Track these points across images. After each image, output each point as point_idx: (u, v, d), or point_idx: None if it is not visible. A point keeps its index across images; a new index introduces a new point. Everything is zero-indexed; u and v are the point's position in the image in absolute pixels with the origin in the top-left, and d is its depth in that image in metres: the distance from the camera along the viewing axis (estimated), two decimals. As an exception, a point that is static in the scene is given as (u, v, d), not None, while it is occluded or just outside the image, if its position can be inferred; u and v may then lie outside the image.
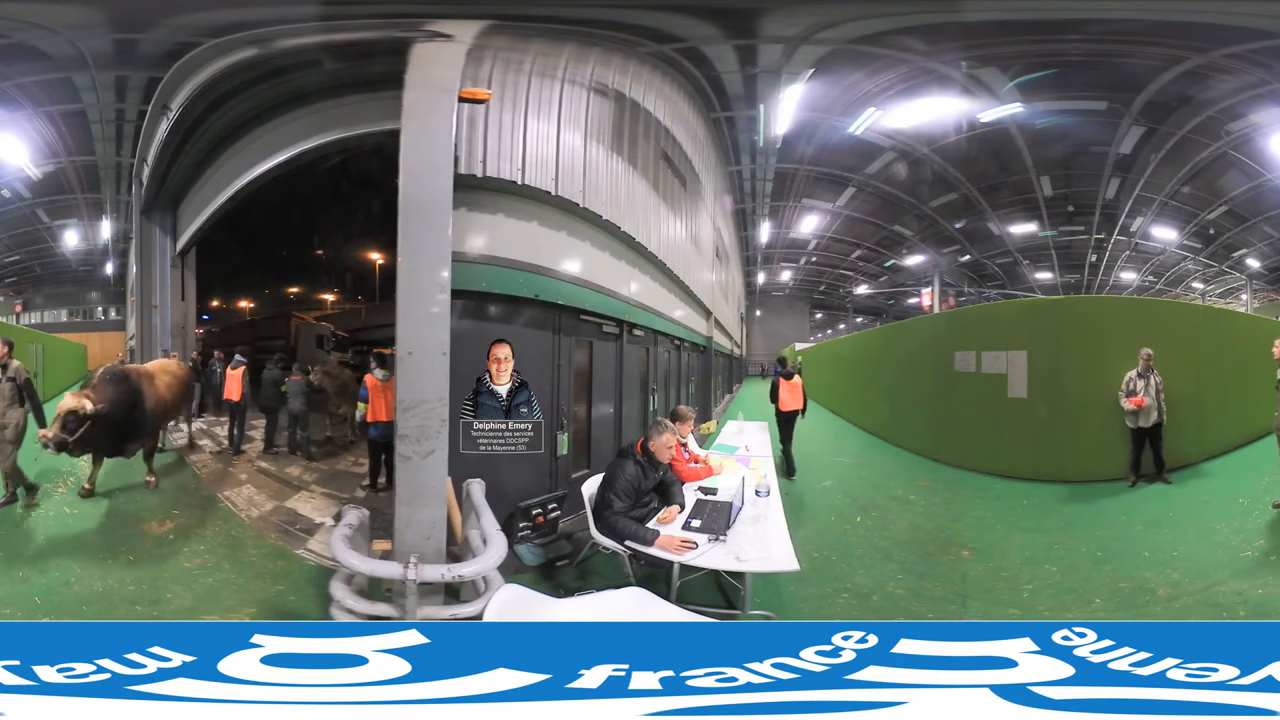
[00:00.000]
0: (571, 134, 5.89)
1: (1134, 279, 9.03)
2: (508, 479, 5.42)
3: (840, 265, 10.17)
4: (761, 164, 8.73)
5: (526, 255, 5.59)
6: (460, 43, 5.09)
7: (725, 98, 7.47)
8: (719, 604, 4.64)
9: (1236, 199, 8.48)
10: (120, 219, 8.11)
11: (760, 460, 6.40)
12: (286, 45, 5.82)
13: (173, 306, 8.27)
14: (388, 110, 4.85)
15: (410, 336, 4.59)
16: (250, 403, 7.70)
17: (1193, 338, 6.91)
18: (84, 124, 7.26)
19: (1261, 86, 7.22)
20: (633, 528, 4.37)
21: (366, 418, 6.51)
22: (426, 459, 4.60)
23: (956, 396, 7.54)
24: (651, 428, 4.97)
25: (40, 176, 7.70)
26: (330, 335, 9.91)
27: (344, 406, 7.95)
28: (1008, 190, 8.61)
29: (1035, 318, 7.18)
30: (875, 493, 7.04)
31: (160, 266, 8.21)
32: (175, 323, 8.31)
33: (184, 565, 5.20)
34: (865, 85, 7.40)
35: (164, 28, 6.04)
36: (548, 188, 5.68)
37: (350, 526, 4.48)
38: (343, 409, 8.00)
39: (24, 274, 8.64)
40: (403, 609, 4.06)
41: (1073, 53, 7.00)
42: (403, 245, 4.58)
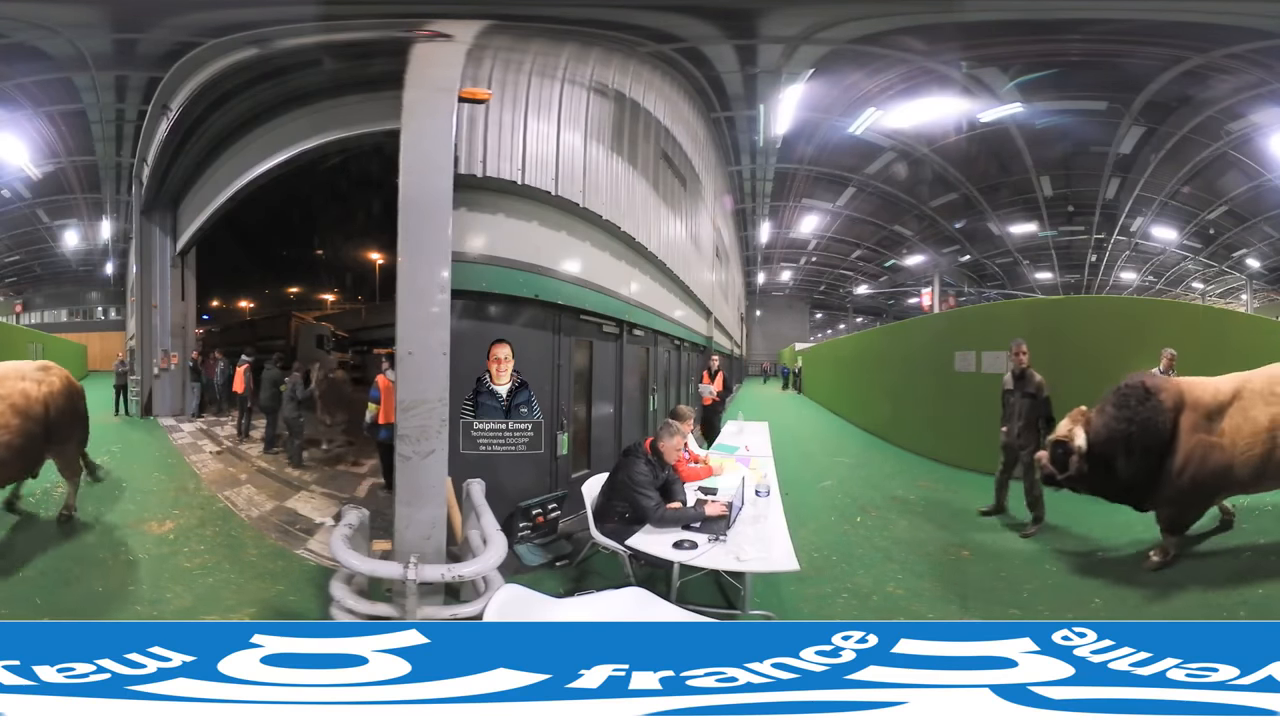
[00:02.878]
0: (571, 134, 5.89)
1: (1134, 279, 9.02)
2: (508, 479, 5.42)
3: (840, 265, 10.17)
4: (761, 164, 8.73)
5: (526, 255, 5.59)
6: (460, 43, 5.09)
7: (725, 98, 7.47)
8: (719, 604, 4.64)
9: (1236, 199, 8.48)
10: (120, 219, 8.11)
11: (760, 460, 6.40)
12: (286, 45, 5.82)
13: (173, 306, 8.27)
14: (388, 110, 4.84)
15: (410, 336, 4.59)
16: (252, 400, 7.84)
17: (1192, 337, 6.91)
18: (84, 124, 7.26)
19: (1261, 86, 7.22)
20: (689, 513, 4.56)
21: (378, 419, 6.43)
22: (426, 459, 4.60)
23: (956, 396, 7.54)
24: (662, 429, 4.99)
25: (40, 176, 7.69)
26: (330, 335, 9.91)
27: (338, 414, 7.88)
28: (1008, 190, 8.61)
29: (1035, 318, 7.17)
30: (875, 493, 7.04)
31: (160, 266, 8.21)
32: (175, 323, 8.31)
33: (184, 565, 5.20)
34: (865, 85, 7.41)
35: (164, 28, 6.03)
36: (548, 188, 5.67)
37: (350, 526, 4.48)
38: (337, 416, 7.91)
39: (24, 274, 8.63)
40: (403, 609, 4.06)
41: (1073, 53, 7.00)
42: (403, 245, 4.58)
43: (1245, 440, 4.79)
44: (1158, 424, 4.76)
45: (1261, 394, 4.85)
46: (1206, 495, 4.99)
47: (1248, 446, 4.79)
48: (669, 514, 4.53)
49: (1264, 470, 4.83)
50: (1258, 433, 4.78)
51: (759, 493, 4.82)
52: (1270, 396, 4.83)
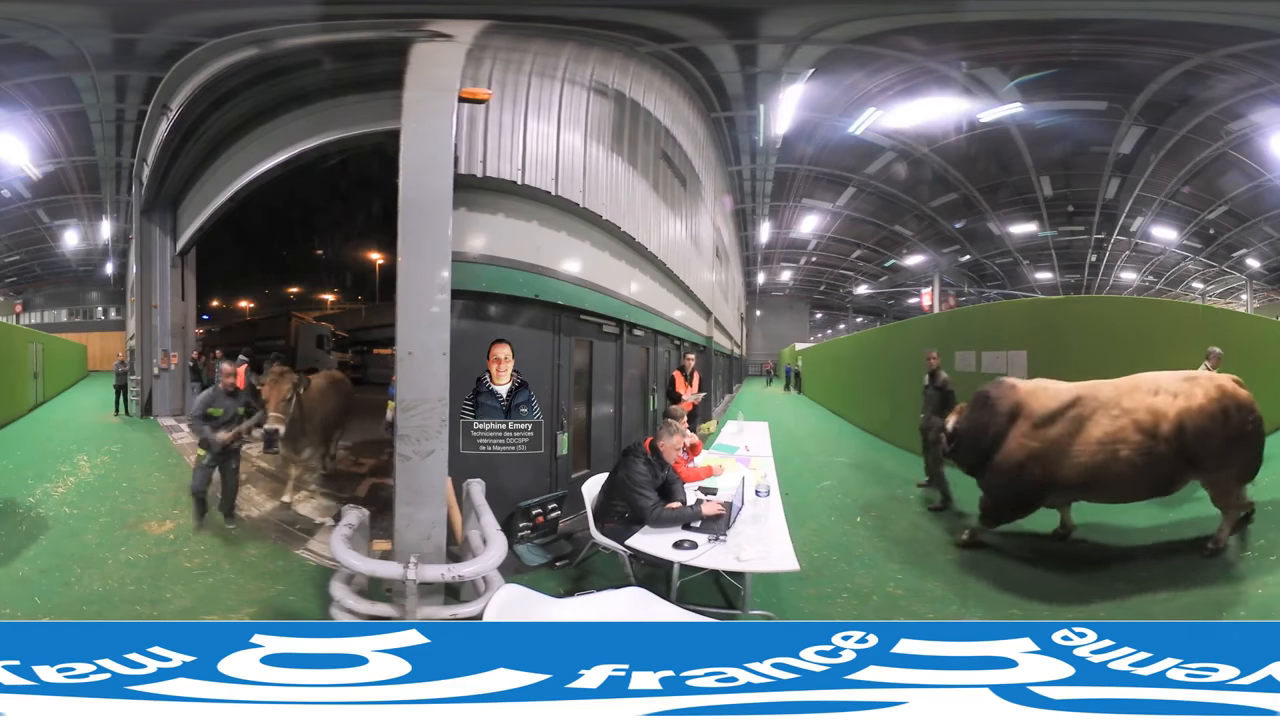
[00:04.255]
0: (571, 134, 5.89)
1: (1134, 279, 9.02)
2: (508, 479, 5.42)
3: (840, 265, 10.17)
4: (761, 164, 8.73)
5: (526, 255, 5.59)
6: (460, 43, 5.09)
7: (725, 98, 7.47)
8: (719, 604, 4.64)
9: (1236, 199, 8.48)
10: (120, 219, 8.12)
11: (760, 460, 6.40)
12: (286, 45, 5.82)
13: (173, 306, 8.27)
14: (388, 110, 4.85)
15: (410, 336, 4.59)
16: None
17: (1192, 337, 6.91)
18: (84, 124, 7.27)
19: (1261, 86, 7.22)
20: (686, 512, 4.55)
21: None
22: (426, 459, 4.60)
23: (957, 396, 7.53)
24: (662, 428, 5.00)
25: (40, 176, 7.70)
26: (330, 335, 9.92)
27: (315, 441, 6.68)
28: (1008, 190, 8.61)
29: (1035, 318, 7.18)
30: (875, 493, 7.04)
31: (160, 266, 8.20)
32: (175, 323, 8.30)
33: (184, 565, 5.20)
34: (865, 85, 7.41)
35: (164, 28, 6.04)
36: (548, 188, 5.67)
37: (350, 526, 4.48)
38: (307, 449, 6.60)
39: (24, 274, 8.64)
40: (403, 609, 4.06)
41: (1073, 53, 7.00)
42: (403, 245, 4.58)
43: (1078, 445, 5.02)
44: (988, 426, 5.31)
45: (1106, 405, 5.07)
46: (1022, 493, 5.26)
47: (1079, 452, 5.02)
48: (665, 514, 4.53)
49: (1096, 479, 5.03)
50: (1088, 442, 5.01)
51: (759, 493, 4.82)
52: (1116, 410, 5.03)
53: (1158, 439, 4.96)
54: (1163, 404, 5.01)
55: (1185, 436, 4.95)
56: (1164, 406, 5.01)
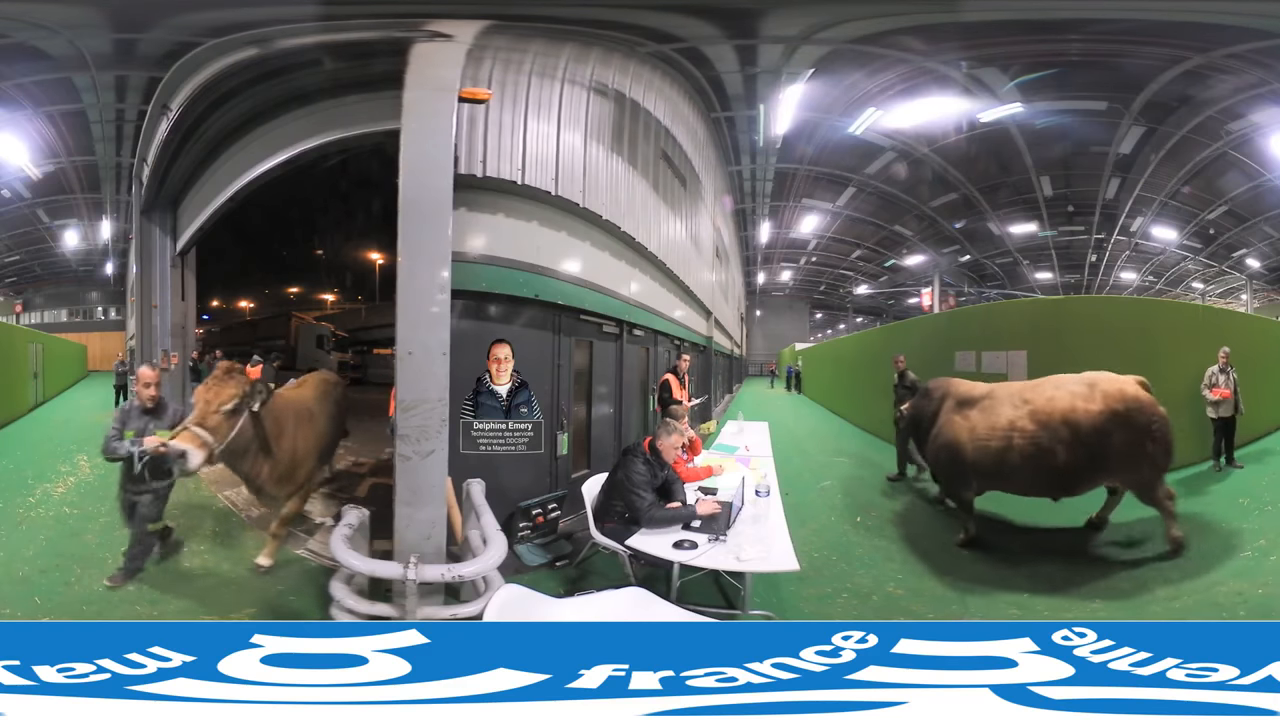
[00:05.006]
0: (571, 134, 5.89)
1: (1134, 279, 9.03)
2: (508, 479, 5.42)
3: (840, 265, 10.17)
4: (761, 164, 8.74)
5: (526, 255, 5.59)
6: (460, 43, 5.09)
7: (725, 98, 7.47)
8: (719, 604, 4.64)
9: (1236, 199, 8.48)
10: (120, 219, 8.12)
11: (760, 460, 6.40)
12: (286, 45, 5.82)
13: (173, 306, 8.25)
14: (388, 110, 4.84)
15: (410, 336, 4.59)
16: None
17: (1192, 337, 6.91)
18: (84, 124, 7.26)
19: (1261, 86, 7.22)
20: (682, 512, 4.54)
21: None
22: (426, 459, 4.60)
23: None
24: (660, 428, 4.99)
25: (40, 176, 7.70)
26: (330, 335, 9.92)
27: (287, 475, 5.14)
28: (1008, 190, 8.62)
29: (1035, 318, 7.18)
30: (875, 492, 7.05)
31: (160, 266, 8.19)
32: (175, 323, 8.29)
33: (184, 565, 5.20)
34: (865, 85, 7.41)
35: (164, 28, 6.03)
36: (548, 188, 5.67)
37: (350, 526, 4.48)
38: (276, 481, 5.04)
39: (24, 274, 8.65)
40: (403, 609, 4.06)
41: (1073, 53, 7.01)
42: (403, 245, 4.58)
43: (984, 429, 5.53)
44: (925, 412, 6.08)
45: (1010, 397, 5.59)
46: (952, 466, 5.72)
47: (986, 436, 5.51)
48: (661, 513, 4.50)
49: (1001, 466, 5.46)
50: (995, 427, 5.50)
51: (759, 493, 4.82)
52: (1018, 400, 5.53)
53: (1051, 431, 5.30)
54: (1061, 400, 5.37)
55: (1080, 435, 5.26)
56: (1061, 403, 5.36)
